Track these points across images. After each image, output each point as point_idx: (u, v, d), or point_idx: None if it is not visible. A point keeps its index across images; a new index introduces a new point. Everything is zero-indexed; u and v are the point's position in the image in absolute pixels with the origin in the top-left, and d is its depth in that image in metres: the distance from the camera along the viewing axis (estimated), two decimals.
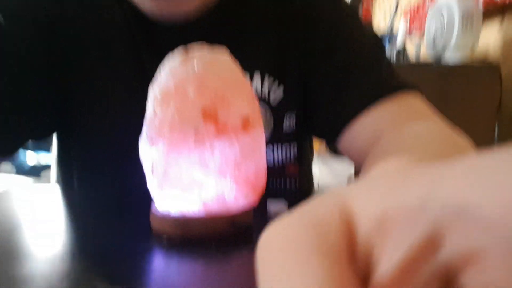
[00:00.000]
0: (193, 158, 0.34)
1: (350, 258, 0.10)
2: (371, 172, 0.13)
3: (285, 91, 0.53)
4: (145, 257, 0.33)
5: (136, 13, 0.52)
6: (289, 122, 0.54)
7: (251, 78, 0.52)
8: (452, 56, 1.45)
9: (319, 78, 0.52)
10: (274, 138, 0.53)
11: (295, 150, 0.56)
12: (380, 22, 2.44)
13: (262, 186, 0.38)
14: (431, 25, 1.52)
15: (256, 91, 0.51)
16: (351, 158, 0.52)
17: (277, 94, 0.53)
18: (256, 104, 0.38)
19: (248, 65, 0.49)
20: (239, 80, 0.36)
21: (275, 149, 0.54)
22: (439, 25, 1.46)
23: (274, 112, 0.53)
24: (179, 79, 0.34)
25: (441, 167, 0.10)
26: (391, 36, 1.74)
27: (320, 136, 0.56)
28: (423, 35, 1.66)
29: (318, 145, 1.69)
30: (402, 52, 1.63)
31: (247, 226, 0.36)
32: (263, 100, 0.52)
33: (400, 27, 1.65)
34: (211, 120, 0.34)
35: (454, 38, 1.42)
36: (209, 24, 0.52)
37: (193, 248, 0.33)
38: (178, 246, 0.34)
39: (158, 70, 0.36)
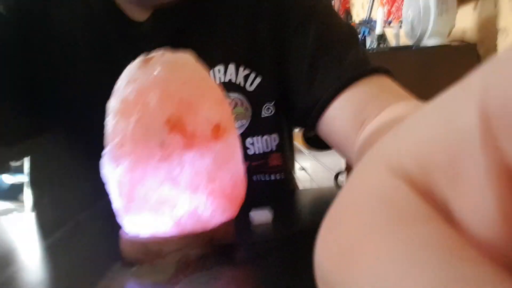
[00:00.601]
0: (161, 174, 0.30)
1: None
2: None
3: (262, 81, 0.51)
4: (116, 284, 0.29)
5: (107, 5, 0.50)
6: (268, 112, 0.53)
7: (226, 69, 0.50)
8: (430, 41, 1.44)
9: (294, 65, 0.51)
10: (254, 129, 0.52)
11: (277, 141, 0.54)
12: (358, 10, 2.43)
13: (241, 196, 0.35)
14: (408, 12, 1.51)
15: (231, 81, 0.50)
16: (332, 142, 0.50)
17: (254, 84, 0.51)
18: (227, 107, 0.35)
19: (223, 57, 0.49)
20: (206, 83, 0.33)
21: (256, 140, 0.53)
22: (416, 11, 1.45)
23: (253, 102, 0.52)
24: (138, 86, 0.31)
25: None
26: (370, 23, 1.73)
27: (300, 123, 0.55)
28: (401, 22, 1.65)
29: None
30: (382, 37, 1.62)
31: (228, 242, 0.33)
32: (240, 89, 0.51)
33: (378, 15, 1.64)
34: (177, 130, 0.30)
35: (431, 24, 1.41)
36: (182, 14, 0.50)
37: (169, 272, 0.30)
38: (152, 272, 0.30)
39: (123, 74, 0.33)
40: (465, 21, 1.53)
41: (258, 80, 0.51)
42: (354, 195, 0.09)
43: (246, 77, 0.51)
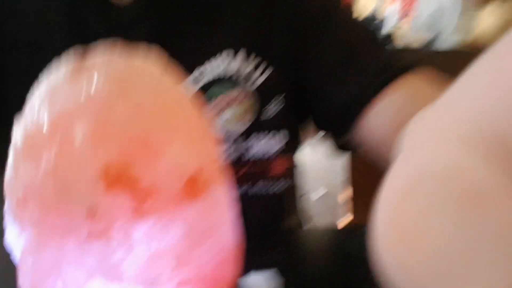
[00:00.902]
0: (90, 260, 0.18)
1: None
2: None
3: (273, 73, 0.47)
4: None
5: None
6: (277, 107, 0.48)
7: (234, 57, 0.46)
8: (447, 41, 1.35)
9: (318, 58, 0.47)
10: (258, 126, 0.46)
11: (282, 142, 0.48)
12: (365, 6, 2.32)
13: (228, 276, 0.23)
14: (424, 9, 1.41)
15: (239, 71, 0.46)
16: (370, 144, 0.44)
17: (264, 76, 0.47)
18: (211, 144, 0.22)
19: (230, 43, 0.46)
20: (178, 107, 0.21)
21: (258, 141, 0.47)
22: (433, 9, 1.36)
23: (260, 95, 0.47)
24: (60, 110, 0.19)
25: None
26: (378, 20, 1.64)
27: (326, 126, 0.50)
28: (413, 19, 1.56)
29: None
30: (390, 37, 1.55)
31: None
32: (247, 81, 0.46)
33: (391, 11, 1.55)
34: (122, 186, 0.18)
35: (450, 23, 1.32)
36: None
37: None
38: None
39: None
40: (484, 26, 1.43)
41: (268, 71, 0.47)
42: (412, 171, 0.08)
43: (255, 67, 0.47)
